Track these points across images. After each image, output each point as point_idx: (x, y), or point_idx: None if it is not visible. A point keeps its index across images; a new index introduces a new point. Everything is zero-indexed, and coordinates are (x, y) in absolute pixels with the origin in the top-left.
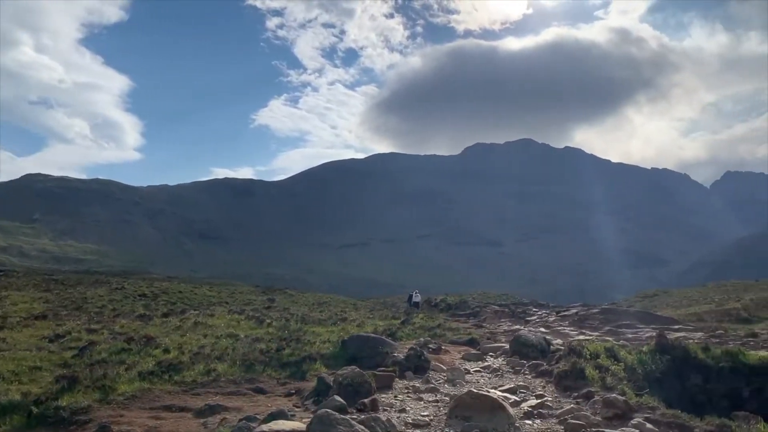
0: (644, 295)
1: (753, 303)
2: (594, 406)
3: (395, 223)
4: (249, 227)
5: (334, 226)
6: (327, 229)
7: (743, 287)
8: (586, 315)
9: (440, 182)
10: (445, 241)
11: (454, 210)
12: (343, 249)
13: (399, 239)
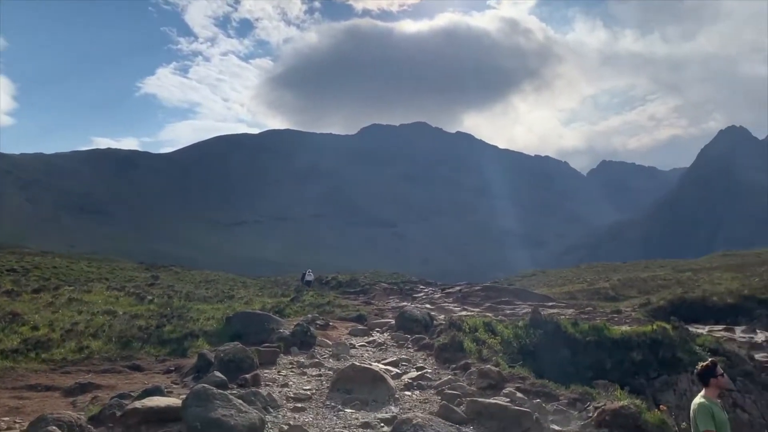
0: (524, 274)
1: (620, 283)
2: (470, 377)
3: (289, 201)
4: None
5: (225, 202)
6: (217, 206)
7: (612, 268)
8: (469, 292)
9: (335, 161)
10: (339, 220)
11: (349, 190)
12: (234, 226)
13: (292, 217)
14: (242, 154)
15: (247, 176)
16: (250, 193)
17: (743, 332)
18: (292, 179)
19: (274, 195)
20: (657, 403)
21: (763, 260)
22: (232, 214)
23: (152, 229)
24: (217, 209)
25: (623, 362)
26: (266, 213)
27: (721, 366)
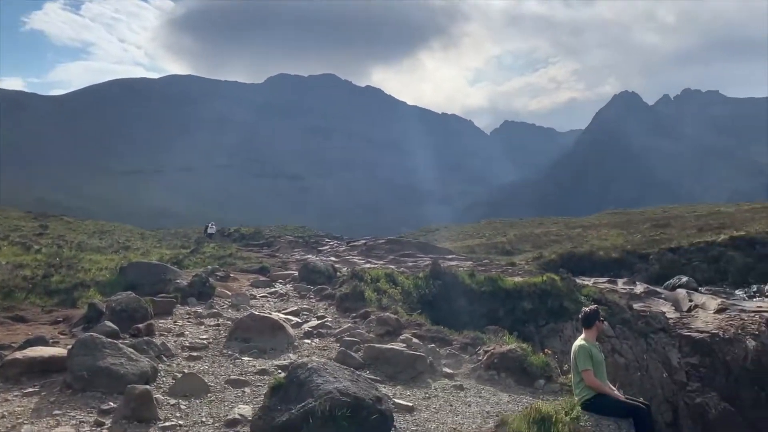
0: (428, 229)
1: (516, 238)
2: (369, 325)
3: (191, 150)
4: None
5: (123, 150)
6: (114, 154)
7: (510, 224)
8: (373, 245)
9: (241, 111)
10: (245, 172)
11: (255, 141)
12: (132, 175)
13: (195, 168)
14: (141, 100)
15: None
16: (150, 142)
17: (624, 284)
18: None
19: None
20: (543, 348)
21: (646, 218)
22: (131, 163)
23: (41, 177)
24: (113, 158)
25: (515, 311)
26: (168, 163)
27: (602, 312)
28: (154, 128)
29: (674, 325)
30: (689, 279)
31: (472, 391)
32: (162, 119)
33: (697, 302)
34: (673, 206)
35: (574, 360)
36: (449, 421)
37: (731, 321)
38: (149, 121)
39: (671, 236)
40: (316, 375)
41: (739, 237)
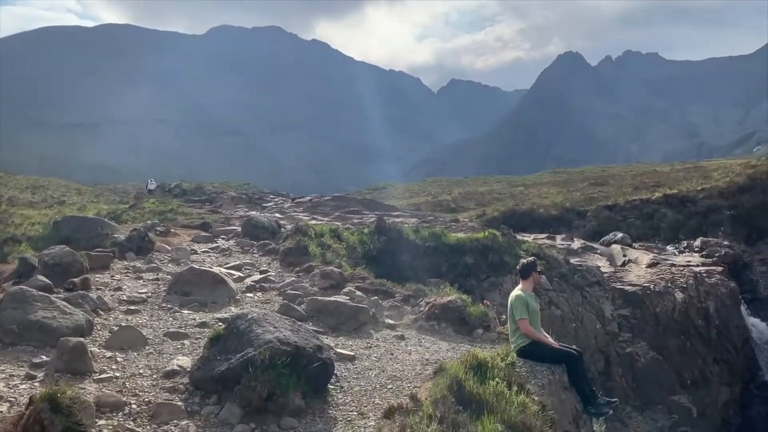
0: (374, 187)
1: (460, 196)
2: (313, 278)
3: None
4: None
5: (58, 102)
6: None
7: (455, 183)
8: (319, 202)
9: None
10: (187, 127)
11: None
12: (67, 129)
13: (134, 122)
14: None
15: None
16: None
17: (563, 240)
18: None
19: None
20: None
21: (585, 177)
22: (64, 115)
23: None
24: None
25: (457, 265)
26: (106, 117)
27: (540, 266)
28: (91, 80)
29: (608, 279)
30: (624, 235)
31: (413, 340)
32: (99, 71)
33: (631, 257)
34: (612, 166)
35: (510, 309)
36: (389, 368)
37: (662, 275)
38: (86, 73)
39: (608, 194)
40: (256, 325)
41: (671, 195)
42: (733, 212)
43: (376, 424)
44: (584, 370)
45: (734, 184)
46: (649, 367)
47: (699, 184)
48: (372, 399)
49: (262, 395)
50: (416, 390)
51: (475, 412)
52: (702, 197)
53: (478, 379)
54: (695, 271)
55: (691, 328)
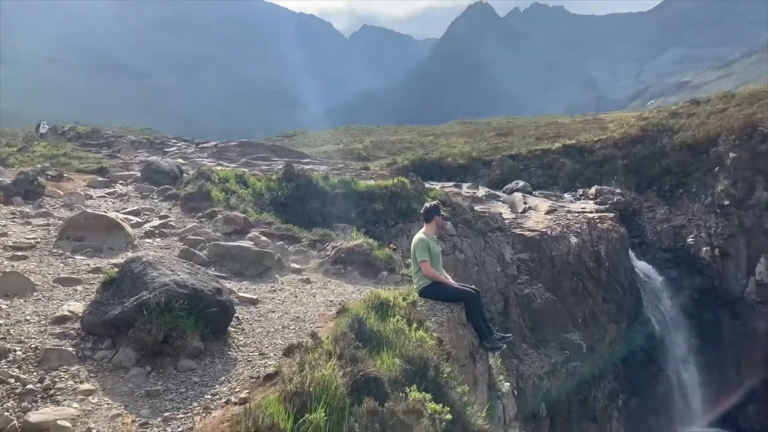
0: (284, 135)
1: (371, 145)
2: (216, 224)
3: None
4: None
5: None
6: None
7: (366, 131)
8: (225, 148)
9: None
10: (81, 67)
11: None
12: None
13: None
14: None
15: None
16: None
17: (468, 188)
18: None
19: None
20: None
21: (492, 128)
22: None
23: None
24: None
25: (366, 212)
26: None
27: (445, 212)
28: None
29: (510, 225)
30: (525, 183)
31: (319, 283)
32: None
33: (531, 204)
34: (517, 117)
35: (413, 252)
36: (293, 310)
37: (558, 221)
38: None
39: (512, 144)
40: (152, 268)
41: (570, 145)
42: (626, 162)
43: (276, 363)
44: (481, 308)
45: (628, 135)
46: (544, 307)
47: (596, 135)
48: (274, 340)
49: (158, 338)
50: (318, 330)
51: (375, 348)
52: (598, 148)
53: (380, 318)
54: (589, 217)
55: (583, 270)
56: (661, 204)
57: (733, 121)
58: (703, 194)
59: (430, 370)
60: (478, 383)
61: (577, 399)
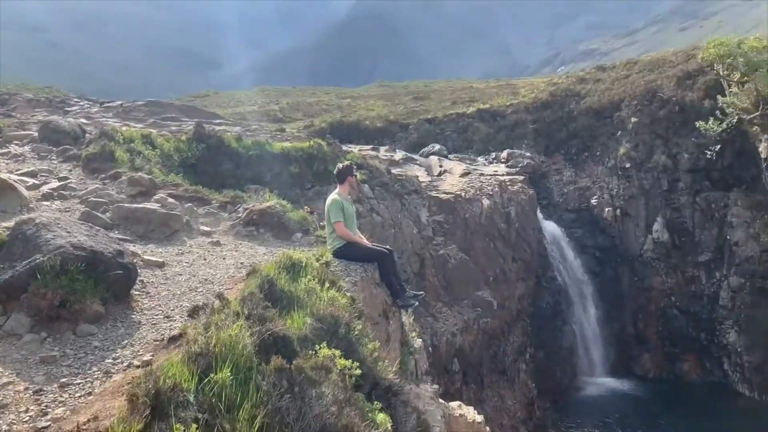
0: (196, 95)
1: (288, 106)
2: (120, 185)
3: None
4: None
5: None
6: None
7: (283, 93)
8: (131, 107)
9: None
10: None
11: None
12: None
13: None
14: None
15: None
16: None
17: (386, 152)
18: None
19: None
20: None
21: (409, 91)
22: None
23: None
24: None
25: (282, 174)
26: None
27: (362, 174)
28: None
29: (426, 188)
30: (441, 147)
31: (230, 246)
32: None
33: (447, 168)
34: (434, 81)
35: (327, 212)
36: (201, 273)
37: (472, 183)
38: None
39: (429, 108)
40: (46, 230)
41: (484, 110)
42: (536, 126)
43: (181, 325)
44: (395, 267)
45: (538, 100)
46: (458, 267)
47: (508, 100)
48: (180, 302)
49: (54, 302)
50: (227, 291)
51: (285, 308)
52: (510, 112)
53: (291, 278)
54: (501, 180)
55: (495, 230)
56: (568, 167)
57: (636, 87)
58: (607, 157)
59: (341, 328)
60: (390, 340)
61: (487, 354)
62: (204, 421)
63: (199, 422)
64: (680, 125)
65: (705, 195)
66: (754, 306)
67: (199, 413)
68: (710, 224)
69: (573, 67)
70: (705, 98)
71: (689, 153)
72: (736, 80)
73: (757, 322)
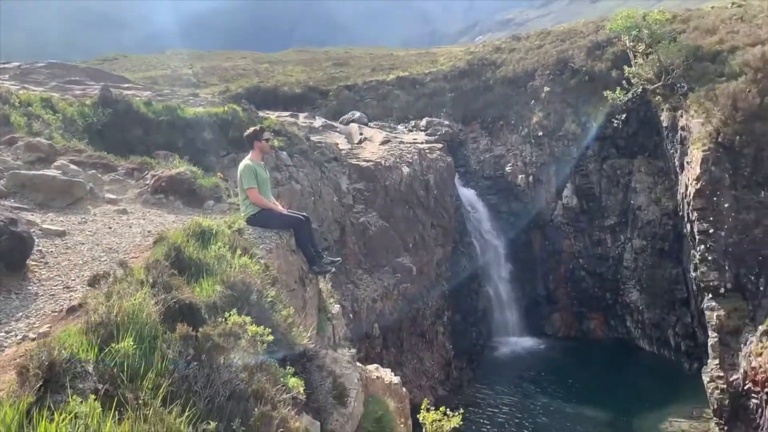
0: (104, 58)
1: (202, 70)
2: (16, 151)
3: None
4: None
5: None
6: None
7: (197, 56)
8: (30, 69)
9: None
10: None
11: None
12: None
13: None
14: None
15: None
16: None
17: (305, 118)
18: None
19: None
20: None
21: (329, 57)
22: None
23: None
24: None
25: (195, 141)
26: None
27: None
28: None
29: (346, 156)
30: (361, 114)
31: (137, 214)
32: None
33: (367, 135)
34: (354, 47)
35: (240, 179)
36: (105, 242)
37: (392, 151)
38: None
39: (349, 75)
40: None
41: (404, 77)
42: (454, 95)
43: (82, 295)
44: (311, 233)
45: (456, 69)
46: (378, 234)
47: (428, 68)
48: (82, 272)
49: None
50: (133, 260)
51: (194, 276)
52: (429, 80)
53: (201, 246)
54: (420, 147)
55: (414, 198)
56: (485, 135)
57: (548, 57)
58: (521, 126)
59: (252, 295)
60: (307, 306)
61: (407, 318)
62: (104, 392)
63: (98, 393)
64: (589, 94)
65: (611, 162)
66: (654, 266)
67: (99, 384)
68: (616, 190)
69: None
70: (613, 68)
71: (597, 121)
72: (641, 51)
73: (656, 282)
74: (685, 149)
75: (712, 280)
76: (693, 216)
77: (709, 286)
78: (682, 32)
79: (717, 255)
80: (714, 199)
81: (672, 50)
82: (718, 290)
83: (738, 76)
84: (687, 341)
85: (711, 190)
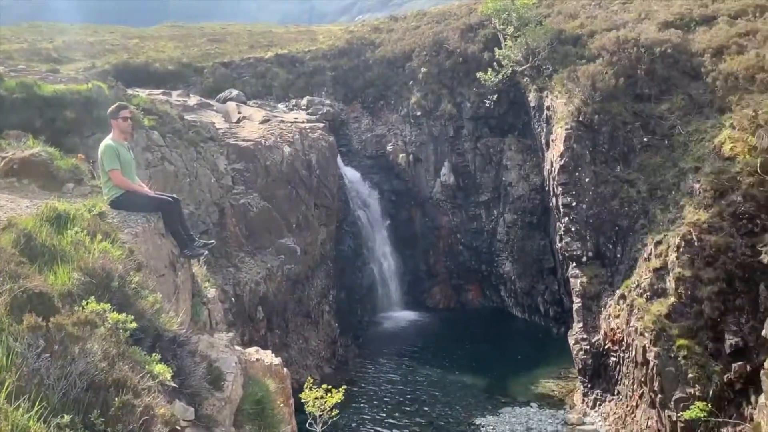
0: None
1: (64, 45)
2: None
3: None
4: None
5: None
6: None
7: (59, 30)
8: None
9: None
10: None
11: None
12: None
13: None
14: None
15: None
16: None
17: (179, 96)
18: None
19: None
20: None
21: (204, 33)
22: None
23: None
24: None
25: (56, 121)
26: None
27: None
28: None
29: (223, 135)
30: (239, 92)
31: None
32: None
33: (245, 114)
34: (231, 23)
35: (101, 160)
36: None
37: (272, 131)
38: None
39: (226, 51)
40: None
41: (283, 55)
42: (334, 74)
43: None
44: (181, 216)
45: (335, 47)
46: (260, 215)
47: (307, 46)
48: None
49: None
50: None
51: (47, 263)
52: (309, 59)
53: (55, 231)
54: (301, 127)
55: (296, 178)
56: (366, 115)
57: (425, 38)
58: (401, 106)
59: (114, 282)
60: (179, 291)
61: (292, 299)
62: None
63: None
64: (463, 76)
65: (485, 141)
66: (525, 239)
67: None
68: (489, 167)
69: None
70: (485, 50)
71: (471, 102)
72: (510, 34)
73: (526, 253)
74: (551, 128)
75: (575, 249)
76: (558, 190)
77: (573, 255)
78: (547, 16)
79: (579, 226)
80: (576, 174)
81: (538, 33)
82: (580, 259)
83: (596, 58)
84: (555, 307)
85: (573, 166)
